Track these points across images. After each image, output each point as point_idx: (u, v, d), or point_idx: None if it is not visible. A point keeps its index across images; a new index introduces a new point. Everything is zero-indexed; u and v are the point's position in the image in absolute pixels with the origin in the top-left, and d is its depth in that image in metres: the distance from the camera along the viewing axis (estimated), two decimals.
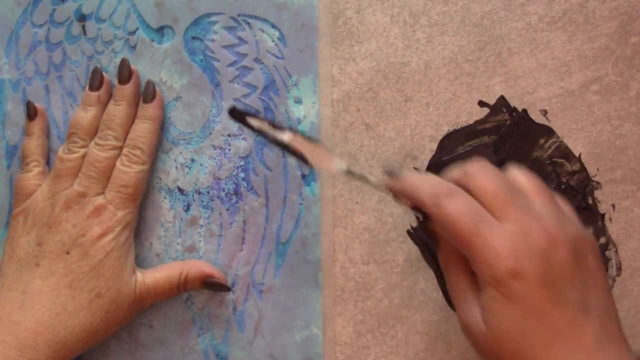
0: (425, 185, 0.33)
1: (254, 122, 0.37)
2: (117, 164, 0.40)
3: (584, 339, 0.31)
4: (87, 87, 0.42)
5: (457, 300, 0.34)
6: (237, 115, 0.37)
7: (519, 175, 0.34)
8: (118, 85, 0.42)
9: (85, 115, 0.41)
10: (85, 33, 0.44)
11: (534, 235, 0.31)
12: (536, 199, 0.33)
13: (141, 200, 0.42)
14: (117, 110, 0.41)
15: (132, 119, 0.41)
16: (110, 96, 0.42)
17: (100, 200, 0.39)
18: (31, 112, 0.43)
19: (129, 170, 0.40)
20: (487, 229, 0.31)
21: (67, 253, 0.38)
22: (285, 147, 0.36)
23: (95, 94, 0.42)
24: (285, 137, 0.36)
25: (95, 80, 0.42)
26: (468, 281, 0.33)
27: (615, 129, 0.40)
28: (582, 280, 0.32)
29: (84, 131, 0.41)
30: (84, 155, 0.41)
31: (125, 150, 0.40)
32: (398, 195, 0.35)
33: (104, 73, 0.42)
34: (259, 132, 0.37)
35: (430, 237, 0.35)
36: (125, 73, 0.42)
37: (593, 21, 0.40)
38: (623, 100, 0.40)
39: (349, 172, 0.36)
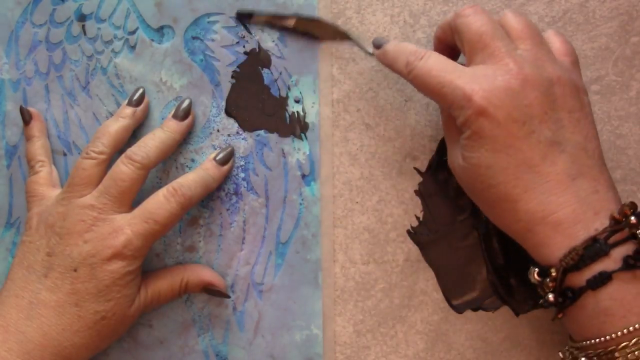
0: (401, 54, 0.36)
1: (260, 19, 0.41)
2: (157, 198, 0.38)
3: (553, 173, 0.32)
4: (126, 102, 0.42)
5: (449, 147, 0.37)
6: (244, 17, 0.41)
7: (512, 18, 0.36)
8: (173, 120, 0.41)
9: (114, 125, 0.40)
10: (85, 33, 0.44)
11: (505, 75, 0.33)
12: (521, 43, 0.34)
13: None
14: (157, 137, 0.40)
15: (169, 149, 0.40)
16: (146, 116, 0.42)
17: (119, 221, 0.38)
18: (26, 117, 0.43)
19: (167, 207, 0.38)
20: (455, 76, 0.33)
21: (75, 270, 0.37)
22: (294, 32, 0.41)
23: (132, 108, 0.41)
24: (291, 23, 0.41)
25: (136, 97, 0.42)
26: (454, 127, 0.35)
27: (615, 129, 0.40)
28: (557, 119, 0.33)
29: (108, 138, 0.40)
30: (100, 164, 0.39)
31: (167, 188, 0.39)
32: (384, 64, 0.38)
33: (146, 95, 0.42)
34: (268, 24, 0.41)
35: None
36: (184, 111, 0.41)
37: (593, 21, 0.40)
38: (623, 100, 0.40)
39: (348, 37, 0.41)
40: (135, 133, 0.42)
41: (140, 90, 0.42)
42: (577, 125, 0.33)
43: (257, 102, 0.42)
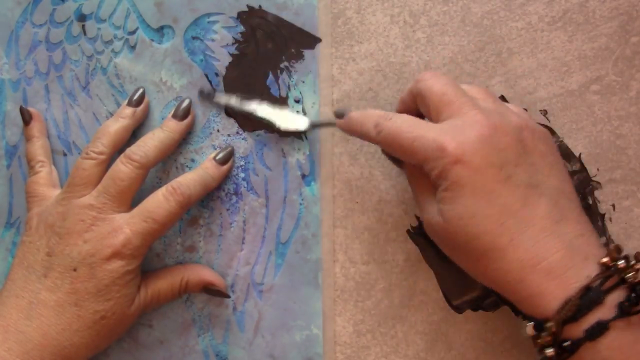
0: (367, 119, 0.36)
1: (221, 99, 0.41)
2: (156, 197, 0.38)
3: (536, 217, 0.31)
4: (126, 102, 0.42)
5: (421, 207, 0.35)
6: (205, 96, 0.41)
7: (469, 86, 0.36)
8: (172, 119, 0.41)
9: (114, 125, 0.40)
10: (85, 33, 0.44)
11: (475, 125, 0.32)
12: (483, 100, 0.35)
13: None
14: (157, 136, 0.40)
15: (168, 149, 0.40)
16: (146, 116, 0.42)
17: (118, 221, 0.38)
18: (26, 117, 0.43)
19: (166, 206, 0.38)
20: (425, 130, 0.33)
21: (74, 270, 0.37)
22: (254, 117, 0.40)
23: (132, 108, 0.41)
24: (252, 107, 0.41)
25: (135, 97, 0.42)
26: (428, 185, 0.34)
27: (615, 129, 0.40)
28: (531, 163, 0.33)
29: (108, 138, 0.40)
30: (100, 164, 0.39)
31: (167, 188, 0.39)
32: (350, 134, 0.38)
33: (146, 95, 0.42)
34: (227, 108, 0.41)
35: (394, 161, 0.38)
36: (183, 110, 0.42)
37: (593, 21, 0.40)
38: (623, 100, 0.40)
39: (313, 125, 0.41)
40: (135, 133, 0.42)
41: (140, 91, 0.42)
42: (551, 168, 0.33)
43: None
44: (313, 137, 0.42)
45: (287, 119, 0.41)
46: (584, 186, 0.40)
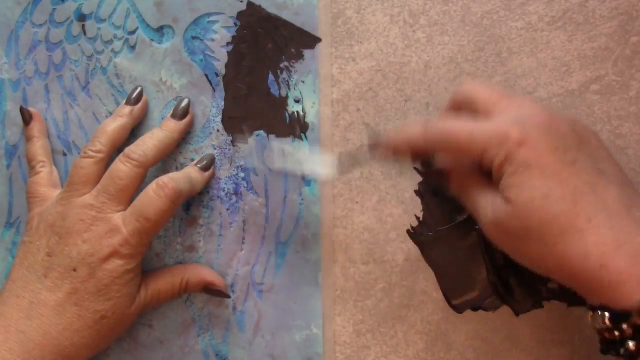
0: (412, 129, 0.34)
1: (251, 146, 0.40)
2: (147, 195, 0.38)
3: (609, 199, 0.30)
4: (124, 101, 0.42)
5: (478, 207, 0.34)
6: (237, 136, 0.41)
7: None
8: (172, 119, 0.41)
9: (112, 124, 0.40)
10: (85, 33, 0.44)
11: (532, 111, 0.32)
12: (529, 100, 0.34)
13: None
14: (156, 135, 0.40)
15: (168, 149, 0.40)
16: (144, 115, 0.42)
17: (116, 220, 0.38)
18: (26, 117, 0.43)
19: (158, 203, 0.38)
20: (482, 123, 0.32)
21: (74, 270, 0.37)
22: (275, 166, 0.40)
23: (130, 107, 0.41)
24: (275, 152, 0.39)
25: (134, 96, 0.42)
26: (484, 184, 0.33)
27: (615, 129, 0.40)
28: (590, 153, 0.32)
29: (106, 137, 0.40)
30: (98, 163, 0.39)
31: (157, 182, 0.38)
32: (395, 155, 0.35)
33: (144, 94, 0.42)
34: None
35: (438, 178, 0.36)
36: (182, 111, 0.42)
37: (593, 21, 0.40)
38: (623, 100, 0.40)
39: (343, 161, 0.38)
40: (135, 133, 0.42)
41: (139, 89, 0.42)
42: (608, 160, 0.32)
43: (257, 102, 0.42)
44: (313, 137, 0.42)
45: (315, 162, 0.39)
46: None
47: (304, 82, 0.42)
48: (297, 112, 0.42)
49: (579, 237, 0.29)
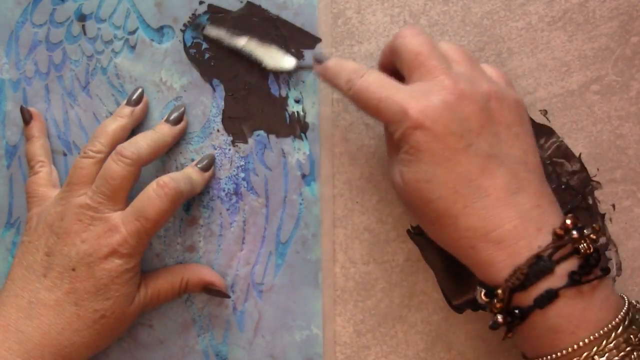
0: (342, 71, 0.36)
1: (211, 32, 0.40)
2: (146, 194, 0.38)
3: (492, 187, 0.32)
4: (125, 102, 0.42)
5: (389, 166, 0.36)
6: (196, 27, 0.41)
7: (448, 46, 0.36)
8: (166, 123, 0.41)
9: (112, 124, 0.40)
10: (85, 33, 0.44)
11: (441, 90, 0.33)
12: (456, 64, 0.35)
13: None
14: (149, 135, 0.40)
15: (161, 149, 0.40)
16: (145, 116, 0.42)
17: (114, 219, 0.38)
18: (26, 117, 0.43)
19: (157, 203, 0.37)
20: (392, 92, 0.33)
21: (73, 269, 0.37)
22: (240, 53, 0.40)
23: (130, 108, 0.41)
24: (240, 43, 0.40)
25: (134, 97, 0.42)
26: (394, 146, 0.35)
27: (615, 129, 0.40)
28: (494, 133, 0.33)
29: (106, 137, 0.40)
30: (98, 163, 0.39)
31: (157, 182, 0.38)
32: (323, 80, 0.38)
33: (145, 95, 0.42)
34: (217, 40, 0.40)
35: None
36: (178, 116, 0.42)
37: (593, 21, 0.40)
38: (623, 100, 0.40)
39: (299, 67, 0.40)
40: (134, 133, 0.42)
41: (139, 90, 0.42)
42: (515, 139, 0.33)
43: (257, 102, 0.42)
44: (313, 137, 0.42)
45: (275, 57, 0.40)
46: (584, 186, 0.40)
47: (304, 82, 0.42)
48: (297, 112, 0.42)
49: (452, 221, 0.32)
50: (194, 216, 0.43)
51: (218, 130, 0.42)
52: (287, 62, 0.40)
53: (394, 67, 0.36)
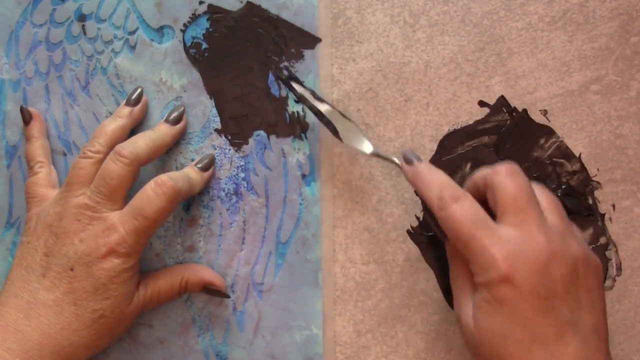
0: (435, 184, 0.35)
1: (297, 87, 0.40)
2: (145, 193, 0.38)
3: (564, 355, 0.31)
4: (124, 102, 0.42)
5: (455, 292, 0.35)
6: (284, 79, 0.41)
7: (542, 191, 0.35)
8: (165, 123, 0.41)
9: (111, 124, 0.40)
10: (85, 33, 0.44)
11: (535, 246, 0.32)
12: (550, 214, 0.34)
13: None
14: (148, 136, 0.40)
15: (159, 149, 0.40)
16: (144, 116, 0.42)
17: (112, 219, 0.38)
18: (26, 117, 0.43)
19: (156, 201, 0.37)
20: (486, 234, 0.32)
21: (72, 269, 0.37)
22: (322, 116, 0.39)
23: (129, 108, 0.41)
24: (323, 108, 0.39)
25: (133, 97, 0.42)
26: (468, 277, 0.34)
27: (615, 129, 0.40)
28: (577, 299, 0.32)
29: (105, 137, 0.40)
30: (97, 163, 0.39)
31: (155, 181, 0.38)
32: (412, 183, 0.37)
33: (144, 95, 0.42)
34: (300, 98, 0.40)
35: (439, 228, 0.36)
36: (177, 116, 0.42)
37: (593, 21, 0.40)
38: (623, 100, 0.40)
39: (376, 154, 0.39)
40: (134, 133, 0.42)
41: (138, 90, 0.42)
42: (593, 306, 0.33)
43: (257, 102, 0.42)
44: (313, 137, 0.42)
45: (354, 137, 0.39)
46: (584, 186, 0.40)
47: (304, 82, 0.42)
48: (297, 112, 0.42)
49: None
50: (194, 216, 0.43)
51: (218, 130, 0.42)
52: (366, 147, 0.39)
53: (481, 196, 0.35)
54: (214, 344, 0.42)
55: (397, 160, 0.38)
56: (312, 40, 0.42)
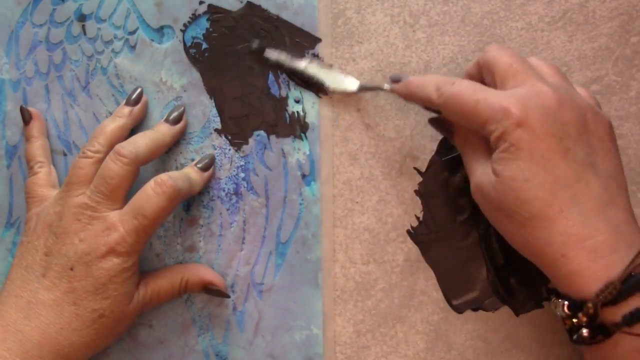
0: (428, 82, 0.36)
1: (272, 54, 0.40)
2: (144, 192, 0.38)
3: (588, 194, 0.31)
4: (124, 102, 0.42)
5: (472, 169, 0.35)
6: (255, 50, 0.41)
7: (539, 60, 0.36)
8: (165, 123, 0.41)
9: (111, 124, 0.40)
10: (85, 33, 0.44)
11: (542, 94, 0.32)
12: (550, 77, 0.35)
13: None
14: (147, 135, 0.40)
15: (159, 149, 0.40)
16: (144, 116, 0.42)
17: (112, 218, 0.38)
18: (26, 117, 0.43)
19: (155, 201, 0.37)
20: (490, 94, 0.33)
21: (72, 269, 0.37)
22: (302, 75, 0.40)
23: (129, 108, 0.41)
24: (302, 65, 0.40)
25: (133, 97, 0.42)
26: (482, 149, 0.35)
27: (615, 129, 0.40)
28: (590, 143, 0.32)
29: (104, 137, 0.40)
30: (96, 163, 0.39)
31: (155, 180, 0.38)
32: (407, 98, 0.37)
33: (144, 95, 0.42)
34: (277, 63, 0.40)
35: (445, 129, 0.38)
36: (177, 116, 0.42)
37: (593, 21, 0.40)
38: (623, 100, 0.40)
39: (363, 87, 0.40)
40: (134, 133, 0.42)
41: (138, 90, 0.42)
42: (607, 153, 0.33)
43: (257, 102, 0.42)
44: (313, 137, 0.42)
45: (336, 79, 0.41)
46: None
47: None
48: (297, 112, 0.42)
49: (547, 224, 0.31)
50: (194, 216, 0.43)
51: (218, 130, 0.42)
52: (349, 83, 0.40)
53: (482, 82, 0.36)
54: (214, 344, 0.42)
55: (386, 87, 0.39)
56: (312, 40, 0.42)
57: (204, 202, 0.42)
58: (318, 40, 0.41)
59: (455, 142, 0.38)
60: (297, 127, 0.42)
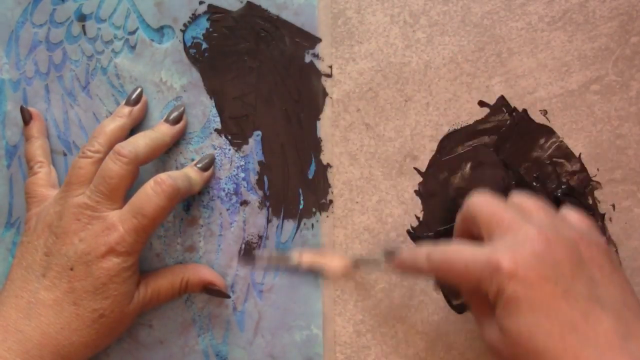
0: (420, 253, 0.35)
1: (262, 256, 0.41)
2: (144, 192, 0.38)
3: (601, 333, 0.30)
4: (124, 102, 0.42)
5: (481, 327, 0.34)
6: (244, 258, 0.42)
7: (520, 198, 0.35)
8: (165, 123, 0.42)
9: (110, 124, 0.40)
10: (85, 33, 0.44)
11: (527, 239, 0.31)
12: (535, 214, 0.34)
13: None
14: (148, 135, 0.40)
15: (159, 148, 0.40)
16: (144, 116, 0.42)
17: (111, 218, 0.38)
18: (26, 117, 0.43)
19: (155, 200, 0.38)
20: (477, 252, 0.32)
21: (71, 269, 0.37)
22: (300, 269, 0.41)
23: (129, 108, 0.42)
24: (294, 258, 0.41)
25: (133, 97, 0.42)
26: (487, 306, 0.33)
27: (615, 129, 0.40)
28: (589, 276, 0.31)
29: (104, 137, 0.40)
30: (96, 163, 0.39)
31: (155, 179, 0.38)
32: (403, 273, 0.38)
33: (144, 95, 0.42)
34: (272, 263, 0.41)
35: (449, 291, 0.39)
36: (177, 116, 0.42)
37: (593, 21, 0.40)
38: (623, 100, 0.40)
39: (360, 263, 0.41)
40: (134, 133, 0.42)
41: (138, 90, 0.42)
42: (611, 281, 0.32)
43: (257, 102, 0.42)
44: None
45: (332, 263, 0.41)
46: (584, 186, 0.40)
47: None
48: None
49: None
50: (194, 216, 0.43)
51: (218, 130, 0.42)
52: (345, 266, 0.41)
53: (472, 238, 0.35)
54: (214, 344, 0.42)
55: (381, 265, 0.39)
56: (312, 40, 0.42)
57: (204, 202, 0.42)
58: (318, 40, 0.41)
59: (465, 302, 0.38)
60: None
